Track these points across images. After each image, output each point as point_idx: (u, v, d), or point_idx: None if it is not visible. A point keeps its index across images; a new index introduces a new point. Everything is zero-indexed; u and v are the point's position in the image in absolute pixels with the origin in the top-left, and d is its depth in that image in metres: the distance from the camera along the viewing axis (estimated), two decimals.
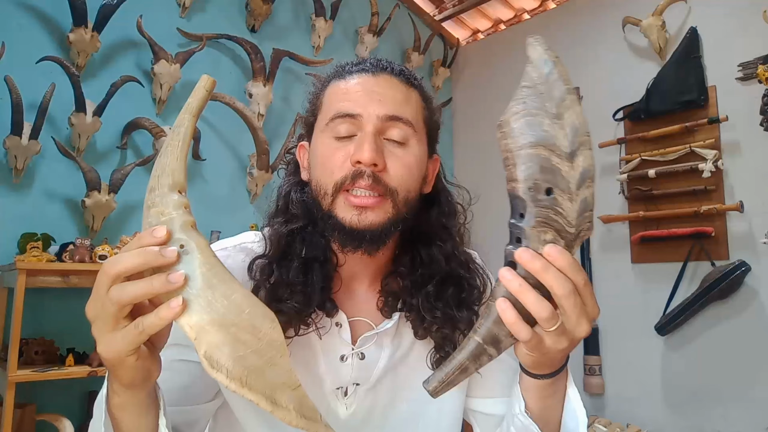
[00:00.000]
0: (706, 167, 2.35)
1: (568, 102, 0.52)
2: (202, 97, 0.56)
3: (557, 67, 0.52)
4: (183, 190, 0.53)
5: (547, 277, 0.50)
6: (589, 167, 0.52)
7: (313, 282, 0.70)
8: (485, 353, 0.53)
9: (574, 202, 0.51)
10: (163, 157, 0.54)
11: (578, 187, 0.51)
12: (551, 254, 0.50)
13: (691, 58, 2.47)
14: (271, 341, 0.50)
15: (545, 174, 0.51)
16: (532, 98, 0.52)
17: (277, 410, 0.49)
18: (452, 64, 3.60)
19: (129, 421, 0.55)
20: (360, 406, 0.74)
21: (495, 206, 2.69)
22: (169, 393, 0.60)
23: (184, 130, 0.55)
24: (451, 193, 0.82)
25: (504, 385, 0.79)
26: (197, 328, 0.48)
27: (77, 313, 2.01)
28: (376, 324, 0.76)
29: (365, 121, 0.68)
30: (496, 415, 0.80)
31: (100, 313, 0.48)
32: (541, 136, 0.51)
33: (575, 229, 0.52)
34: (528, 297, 0.51)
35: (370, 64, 0.73)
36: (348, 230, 0.68)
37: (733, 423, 2.27)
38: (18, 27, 2.07)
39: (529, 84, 0.52)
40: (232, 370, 0.48)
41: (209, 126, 2.54)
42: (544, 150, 0.51)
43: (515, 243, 0.52)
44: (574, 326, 0.53)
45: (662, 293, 2.47)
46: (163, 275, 0.47)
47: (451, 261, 0.76)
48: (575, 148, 0.51)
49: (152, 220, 0.51)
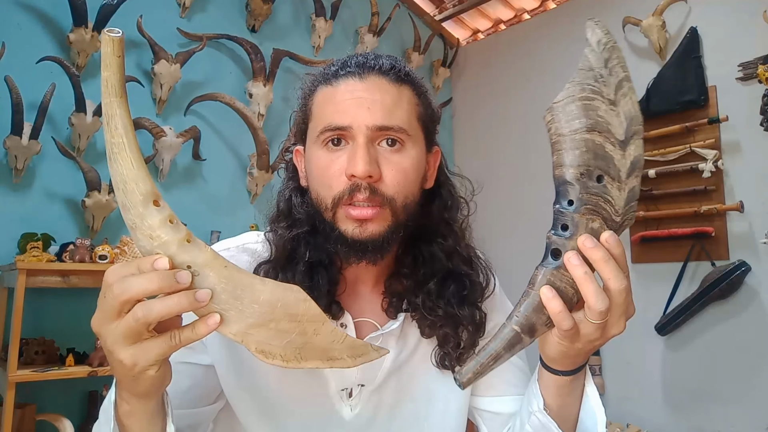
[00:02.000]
0: (706, 167, 2.35)
1: (626, 89, 0.51)
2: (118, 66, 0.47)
3: (616, 51, 0.51)
4: (157, 198, 0.48)
5: (606, 269, 0.50)
6: (640, 156, 0.51)
7: (319, 285, 0.70)
8: (520, 342, 0.53)
9: (623, 191, 0.51)
10: (114, 164, 0.47)
11: (628, 176, 0.51)
12: (610, 242, 0.50)
13: (691, 58, 2.47)
14: (311, 317, 0.52)
15: (598, 160, 0.50)
16: (589, 82, 0.51)
17: (335, 363, 0.53)
18: (452, 64, 3.60)
19: (137, 427, 0.55)
20: (365, 407, 0.74)
21: (495, 206, 2.68)
22: (172, 396, 0.60)
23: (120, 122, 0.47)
24: (454, 185, 0.80)
25: (511, 383, 0.79)
26: (240, 334, 0.49)
27: (77, 313, 2.03)
28: (381, 325, 0.76)
29: (356, 132, 0.67)
30: (503, 414, 0.79)
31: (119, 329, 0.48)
32: (596, 121, 0.50)
33: (621, 218, 0.52)
34: (591, 287, 0.50)
35: (356, 65, 0.70)
36: (350, 242, 0.67)
37: (733, 423, 2.27)
38: (18, 27, 2.07)
39: (586, 67, 0.51)
40: (285, 355, 0.51)
41: (209, 126, 2.54)
42: (599, 136, 0.50)
43: (560, 229, 0.51)
44: (614, 322, 0.53)
45: (662, 293, 2.47)
46: (190, 294, 0.47)
47: (453, 257, 0.76)
48: (629, 136, 0.51)
49: (144, 244, 0.48)
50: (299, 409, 0.73)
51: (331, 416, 0.74)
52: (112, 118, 0.47)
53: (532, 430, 0.67)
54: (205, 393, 0.73)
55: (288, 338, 0.50)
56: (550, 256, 0.52)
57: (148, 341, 0.48)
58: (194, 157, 2.45)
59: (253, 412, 0.74)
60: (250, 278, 0.50)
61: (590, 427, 0.66)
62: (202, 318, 0.48)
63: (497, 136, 3.29)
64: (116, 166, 0.47)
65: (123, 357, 0.48)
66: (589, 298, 0.50)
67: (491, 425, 0.81)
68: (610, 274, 0.50)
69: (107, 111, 0.47)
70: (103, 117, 0.48)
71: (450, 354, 0.73)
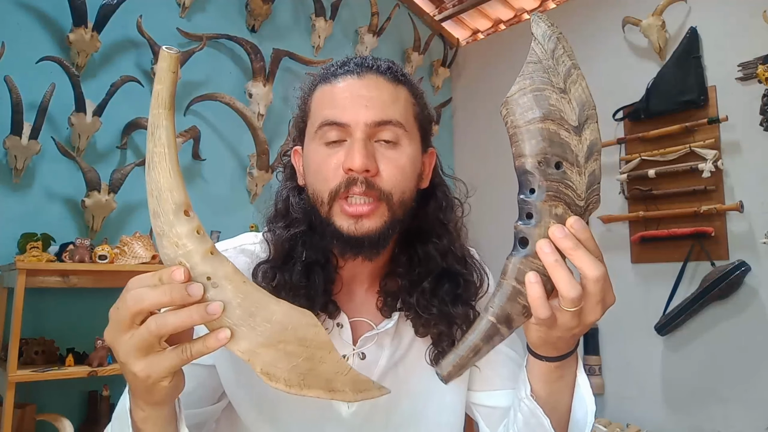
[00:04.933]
0: (706, 167, 2.35)
1: (575, 76, 0.52)
2: (171, 82, 0.49)
3: (561, 42, 0.52)
4: (188, 209, 0.49)
5: (577, 257, 0.50)
6: (596, 140, 0.53)
7: (315, 285, 0.71)
8: (498, 333, 0.53)
9: (583, 176, 0.52)
10: (152, 172, 0.49)
11: (586, 160, 0.52)
12: (575, 227, 0.50)
13: (691, 58, 2.47)
14: (319, 344, 0.52)
15: (554, 148, 0.51)
16: (539, 74, 0.52)
17: (336, 396, 0.53)
18: (452, 64, 3.60)
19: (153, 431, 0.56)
20: (362, 406, 0.75)
21: (495, 205, 2.69)
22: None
23: (164, 133, 0.49)
24: (449, 186, 0.82)
25: (506, 377, 0.79)
26: (248, 352, 0.49)
27: (77, 313, 2.03)
28: (376, 324, 0.76)
29: (354, 128, 0.68)
30: (500, 408, 0.80)
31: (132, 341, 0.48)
32: (548, 110, 0.51)
33: (584, 203, 0.52)
34: (561, 274, 0.50)
35: (355, 65, 0.72)
36: (346, 238, 0.68)
37: (733, 423, 2.27)
38: (18, 27, 2.07)
39: (534, 60, 0.52)
40: (289, 379, 0.51)
41: (209, 126, 2.54)
42: (553, 124, 0.51)
43: (525, 218, 0.52)
44: (590, 310, 0.53)
45: (662, 293, 2.47)
46: (202, 307, 0.48)
47: (448, 257, 0.76)
48: (582, 121, 0.52)
49: (169, 252, 0.49)
50: (298, 407, 0.74)
51: (329, 414, 0.74)
52: (157, 128, 0.49)
53: (522, 417, 0.67)
54: (209, 393, 0.73)
55: (294, 362, 0.50)
56: (519, 245, 0.52)
57: (161, 354, 0.49)
58: (194, 157, 2.45)
59: (253, 410, 0.74)
60: (266, 297, 0.51)
61: (581, 418, 0.66)
62: (213, 332, 0.49)
63: (497, 136, 3.28)
64: (154, 174, 0.49)
65: (136, 370, 0.49)
66: (561, 285, 0.50)
67: (489, 420, 0.82)
68: (581, 262, 0.50)
69: (154, 121, 0.49)
70: (149, 126, 0.49)
71: (444, 352, 0.73)
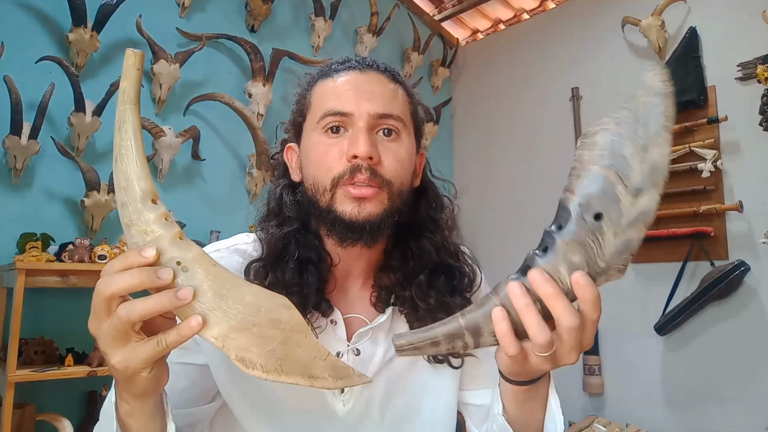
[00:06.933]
0: (706, 167, 2.35)
1: (661, 140, 0.49)
2: (136, 79, 0.51)
3: (666, 101, 0.49)
4: (155, 197, 0.50)
5: (556, 306, 0.48)
6: (650, 211, 0.49)
7: (308, 283, 0.71)
8: (462, 339, 0.52)
9: (618, 237, 0.48)
10: (120, 164, 0.50)
11: (629, 225, 0.48)
12: (579, 282, 0.48)
13: (690, 58, 2.47)
14: (293, 326, 0.51)
15: (603, 198, 0.48)
16: (627, 121, 0.49)
17: (315, 382, 0.52)
18: (452, 64, 3.60)
19: (138, 427, 0.56)
20: (357, 402, 0.75)
21: (495, 205, 2.68)
22: (170, 396, 0.60)
23: (130, 126, 0.50)
24: (437, 187, 0.84)
25: (492, 375, 0.79)
26: (221, 338, 0.49)
27: (77, 313, 2.02)
28: (370, 320, 0.77)
29: (357, 118, 0.70)
30: (485, 406, 0.81)
31: (109, 330, 0.48)
32: (617, 160, 0.48)
33: (605, 265, 0.49)
34: (531, 319, 0.49)
35: (356, 62, 0.75)
36: (348, 223, 0.69)
37: (732, 423, 2.27)
38: (17, 27, 2.07)
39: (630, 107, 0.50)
40: (265, 365, 0.50)
41: (209, 126, 2.54)
42: (614, 175, 0.48)
43: (541, 251, 0.50)
44: (564, 355, 0.52)
45: (662, 293, 2.47)
46: (171, 292, 0.48)
47: (441, 251, 0.78)
48: (645, 185, 0.48)
49: (137, 240, 0.49)
50: (293, 405, 0.74)
51: (324, 412, 0.74)
52: (123, 123, 0.51)
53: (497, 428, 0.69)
54: (202, 392, 0.73)
55: (269, 346, 0.50)
56: (521, 272, 0.51)
57: (137, 344, 0.49)
58: (193, 157, 2.45)
59: (248, 409, 0.74)
60: (237, 279, 0.51)
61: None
62: (186, 320, 0.49)
63: (497, 136, 3.29)
64: (121, 166, 0.50)
65: (114, 361, 0.49)
66: (530, 330, 0.49)
67: (475, 418, 0.83)
68: (560, 312, 0.48)
69: (120, 116, 0.51)
70: (116, 122, 0.51)
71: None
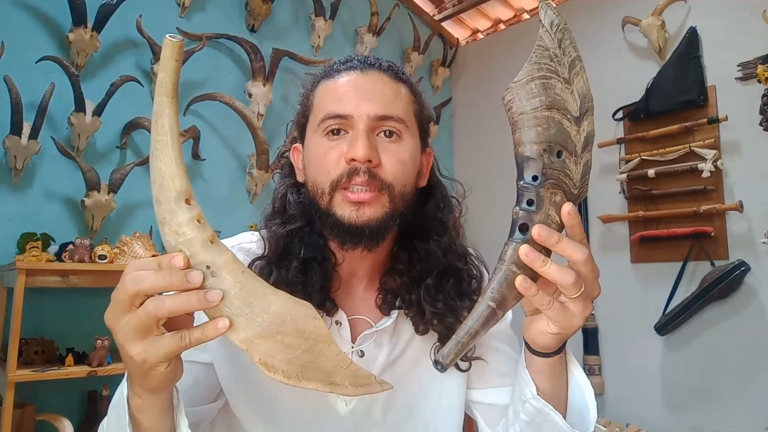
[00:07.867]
0: (706, 167, 2.35)
1: (578, 68, 0.54)
2: (174, 70, 0.48)
3: (567, 33, 0.54)
4: (190, 197, 0.49)
5: (566, 249, 0.52)
6: (592, 132, 0.55)
7: (312, 281, 0.71)
8: (495, 317, 0.54)
9: (579, 165, 0.54)
10: (155, 160, 0.49)
11: (582, 150, 0.54)
12: (572, 213, 0.52)
13: (690, 58, 2.47)
14: (317, 336, 0.51)
15: (558, 137, 0.52)
16: (546, 62, 0.53)
17: (335, 389, 0.52)
18: (452, 63, 3.60)
19: (148, 422, 0.56)
20: (360, 403, 0.75)
21: (495, 205, 2.69)
22: None
23: (167, 121, 0.49)
24: (446, 186, 0.83)
25: (504, 374, 0.80)
26: (246, 342, 0.49)
27: (77, 313, 2.03)
28: (375, 322, 0.77)
29: (357, 121, 0.69)
30: (498, 405, 0.80)
31: (131, 322, 0.48)
32: (554, 99, 0.52)
33: (578, 191, 0.54)
34: (552, 271, 0.51)
35: (358, 62, 0.74)
36: (347, 227, 0.68)
37: (732, 423, 2.27)
38: (17, 27, 2.07)
39: (543, 47, 0.53)
40: (287, 371, 0.50)
41: (209, 126, 2.54)
42: (558, 113, 0.52)
43: (525, 204, 0.53)
44: (591, 288, 0.54)
45: (662, 293, 2.47)
46: (201, 293, 0.48)
47: (449, 254, 0.77)
48: (582, 113, 0.54)
49: (170, 239, 0.49)
50: (295, 405, 0.74)
51: (327, 412, 0.74)
52: (160, 116, 0.49)
53: (528, 418, 0.67)
54: (206, 391, 0.73)
55: (292, 354, 0.50)
56: (518, 231, 0.53)
57: (159, 338, 0.49)
58: (194, 157, 2.45)
59: (250, 408, 0.74)
60: (264, 287, 0.51)
61: (578, 404, 0.66)
62: (212, 320, 0.49)
63: (497, 136, 3.28)
64: (156, 162, 0.49)
65: (133, 352, 0.49)
66: (557, 278, 0.51)
67: (488, 418, 0.82)
68: (570, 251, 0.52)
69: (157, 109, 0.49)
70: (153, 115, 0.49)
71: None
